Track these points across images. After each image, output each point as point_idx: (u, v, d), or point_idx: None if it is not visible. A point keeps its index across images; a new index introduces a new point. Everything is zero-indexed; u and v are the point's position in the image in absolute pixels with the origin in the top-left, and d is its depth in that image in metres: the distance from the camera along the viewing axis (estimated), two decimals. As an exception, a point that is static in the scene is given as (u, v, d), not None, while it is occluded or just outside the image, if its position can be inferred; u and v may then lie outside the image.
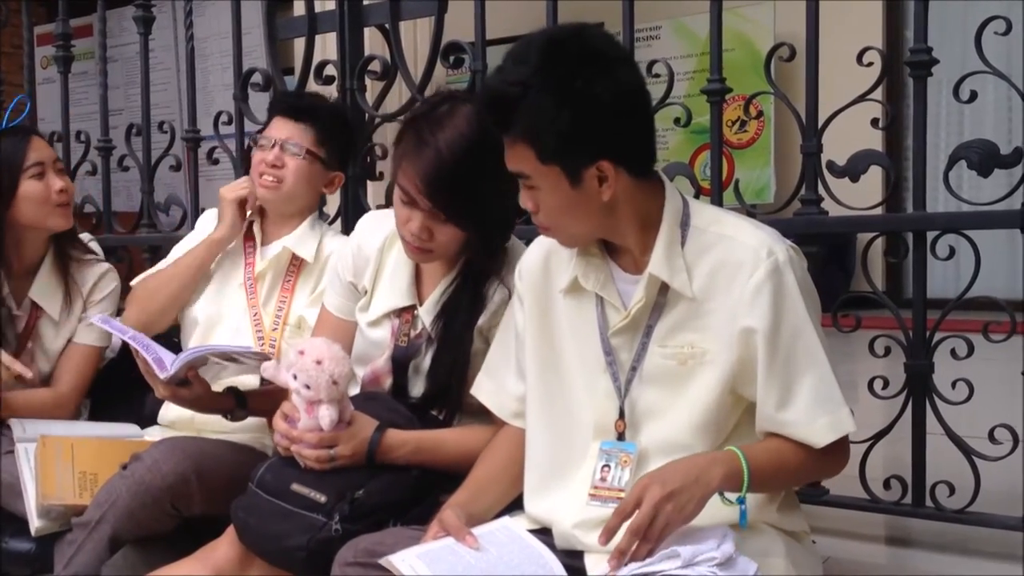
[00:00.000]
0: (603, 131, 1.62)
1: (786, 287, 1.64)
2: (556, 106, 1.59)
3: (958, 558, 2.17)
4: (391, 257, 2.18)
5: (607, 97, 1.60)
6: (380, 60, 2.88)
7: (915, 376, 2.18)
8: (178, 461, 2.20)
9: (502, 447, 1.92)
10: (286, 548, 1.90)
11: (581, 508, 1.72)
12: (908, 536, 2.31)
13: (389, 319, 2.15)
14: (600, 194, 1.65)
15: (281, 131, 2.51)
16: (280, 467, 1.98)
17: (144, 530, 2.22)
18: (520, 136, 1.64)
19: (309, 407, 1.93)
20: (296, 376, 1.92)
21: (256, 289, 2.58)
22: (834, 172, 2.29)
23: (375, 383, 2.13)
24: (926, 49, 2.19)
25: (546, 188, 1.66)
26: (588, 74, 1.60)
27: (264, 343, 2.51)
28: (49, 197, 2.67)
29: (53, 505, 2.32)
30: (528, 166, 1.66)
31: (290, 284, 2.56)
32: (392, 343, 2.12)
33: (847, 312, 2.31)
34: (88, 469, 2.36)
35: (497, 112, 1.66)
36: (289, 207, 2.57)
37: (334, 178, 2.60)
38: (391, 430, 1.98)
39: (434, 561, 1.62)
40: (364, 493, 1.91)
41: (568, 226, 1.71)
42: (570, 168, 1.63)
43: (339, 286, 2.25)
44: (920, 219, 2.22)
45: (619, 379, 1.74)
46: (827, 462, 1.70)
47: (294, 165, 2.50)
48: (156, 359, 2.19)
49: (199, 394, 2.27)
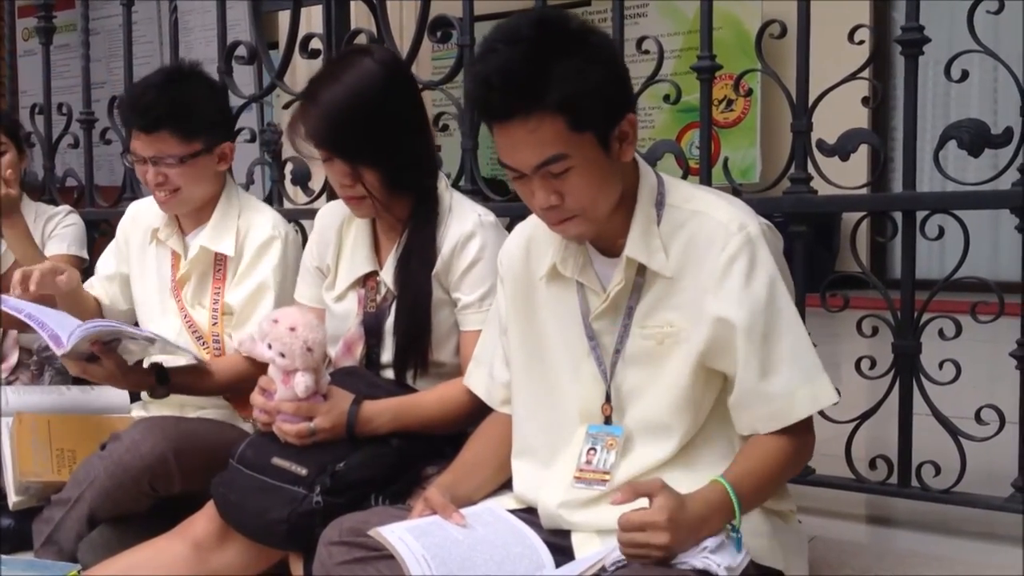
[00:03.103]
0: (624, 84, 1.65)
1: (759, 259, 1.63)
2: (584, 67, 1.57)
3: (943, 538, 2.17)
4: (350, 234, 2.24)
5: (611, 54, 1.66)
6: (366, 34, 2.85)
7: (902, 356, 2.17)
8: (156, 442, 2.19)
9: (490, 432, 1.92)
10: (267, 522, 1.91)
11: (566, 489, 1.71)
12: (894, 516, 2.31)
13: (355, 290, 2.20)
14: (621, 155, 1.65)
15: (145, 148, 2.40)
16: (260, 442, 1.99)
17: (121, 509, 2.21)
18: (548, 111, 1.56)
19: (285, 377, 1.94)
20: (271, 346, 1.93)
21: (180, 292, 2.52)
22: (824, 151, 2.28)
23: (348, 353, 2.16)
24: (918, 27, 2.18)
25: (580, 162, 1.60)
26: (587, 36, 1.60)
27: (205, 342, 2.47)
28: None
29: (31, 483, 2.31)
30: (558, 143, 1.58)
31: (220, 275, 2.50)
32: (361, 311, 2.16)
33: (834, 292, 2.30)
34: (66, 446, 2.35)
35: (520, 90, 1.56)
36: (193, 206, 2.51)
37: (224, 151, 2.49)
38: (368, 401, 1.99)
39: (423, 535, 1.62)
40: (345, 466, 1.92)
41: (599, 205, 1.65)
42: (603, 130, 1.61)
43: (307, 276, 2.31)
44: (910, 199, 2.21)
45: (603, 363, 1.72)
46: (802, 445, 1.67)
47: (176, 173, 2.41)
48: (52, 335, 2.14)
49: (111, 371, 2.25)
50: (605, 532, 1.63)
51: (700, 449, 1.69)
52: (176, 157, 2.39)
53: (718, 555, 1.49)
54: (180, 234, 2.55)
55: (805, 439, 1.68)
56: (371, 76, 2.05)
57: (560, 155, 1.59)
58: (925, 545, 2.16)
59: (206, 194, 2.50)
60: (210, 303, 2.48)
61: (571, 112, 1.56)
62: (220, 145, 2.48)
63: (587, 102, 1.57)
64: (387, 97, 2.05)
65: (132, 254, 2.64)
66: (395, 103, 2.07)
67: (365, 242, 2.21)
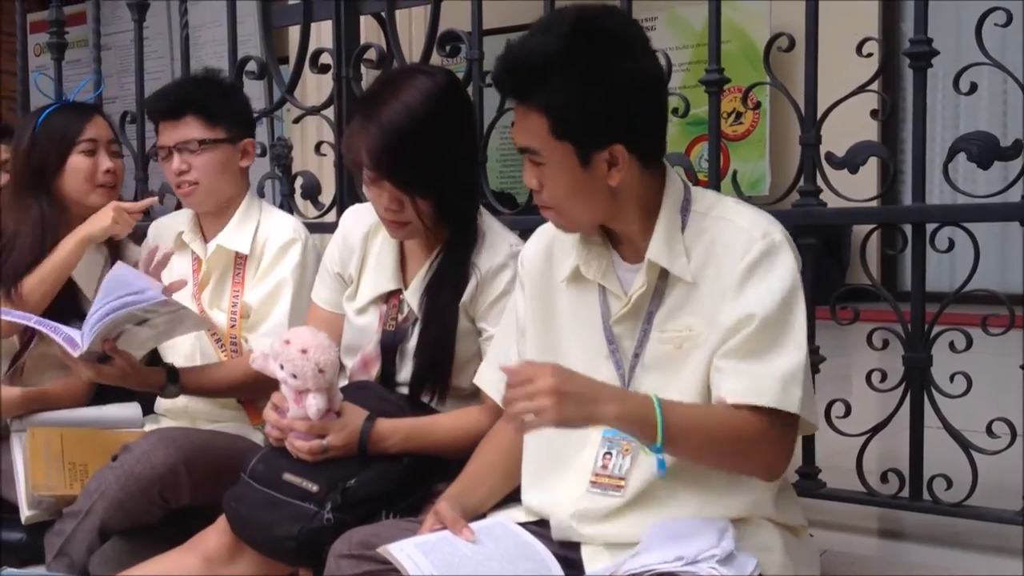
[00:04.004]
0: (623, 115, 1.61)
1: (780, 262, 1.63)
2: (580, 82, 1.58)
3: (955, 551, 2.16)
4: (375, 245, 2.20)
5: (631, 81, 1.60)
6: (376, 48, 2.85)
7: (913, 369, 2.17)
8: (168, 453, 2.19)
9: (498, 439, 1.91)
10: (277, 537, 1.90)
11: (579, 498, 1.71)
12: (905, 529, 2.31)
13: (376, 305, 2.16)
14: (608, 178, 1.64)
15: (170, 136, 2.45)
16: (272, 457, 1.98)
17: (133, 520, 2.21)
18: (537, 107, 1.61)
19: (298, 396, 1.94)
20: (283, 366, 1.93)
21: (200, 295, 2.53)
22: (833, 163, 2.28)
23: (364, 370, 2.14)
24: (926, 40, 2.18)
25: (553, 165, 1.64)
26: (616, 55, 1.59)
27: (223, 344, 2.48)
28: (95, 175, 2.68)
29: (44, 496, 2.31)
30: (538, 140, 1.63)
31: (240, 277, 2.52)
32: (380, 328, 2.14)
33: (844, 305, 2.30)
34: (78, 460, 2.35)
35: (517, 79, 1.64)
36: (215, 202, 2.53)
37: (245, 147, 2.54)
38: (381, 419, 1.98)
39: (431, 551, 1.62)
40: (356, 483, 1.91)
41: (571, 209, 1.69)
42: (583, 148, 1.62)
43: (327, 279, 2.27)
44: (920, 211, 2.21)
45: (622, 367, 1.72)
46: (761, 439, 1.59)
47: (200, 162, 2.45)
48: (66, 338, 2.16)
49: (125, 369, 2.26)
50: (615, 546, 1.62)
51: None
52: (199, 140, 2.43)
53: (727, 566, 1.48)
54: (203, 239, 2.58)
55: (767, 436, 1.59)
56: (434, 101, 2.00)
57: (535, 150, 1.65)
58: (937, 559, 2.15)
59: (228, 191, 2.53)
60: (228, 306, 2.50)
61: (553, 118, 1.60)
62: (243, 140, 2.53)
63: (570, 115, 1.59)
64: (448, 124, 2.02)
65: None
66: (454, 131, 2.03)
67: (391, 258, 2.18)
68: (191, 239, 2.58)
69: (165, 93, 2.53)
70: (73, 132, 2.67)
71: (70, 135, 2.67)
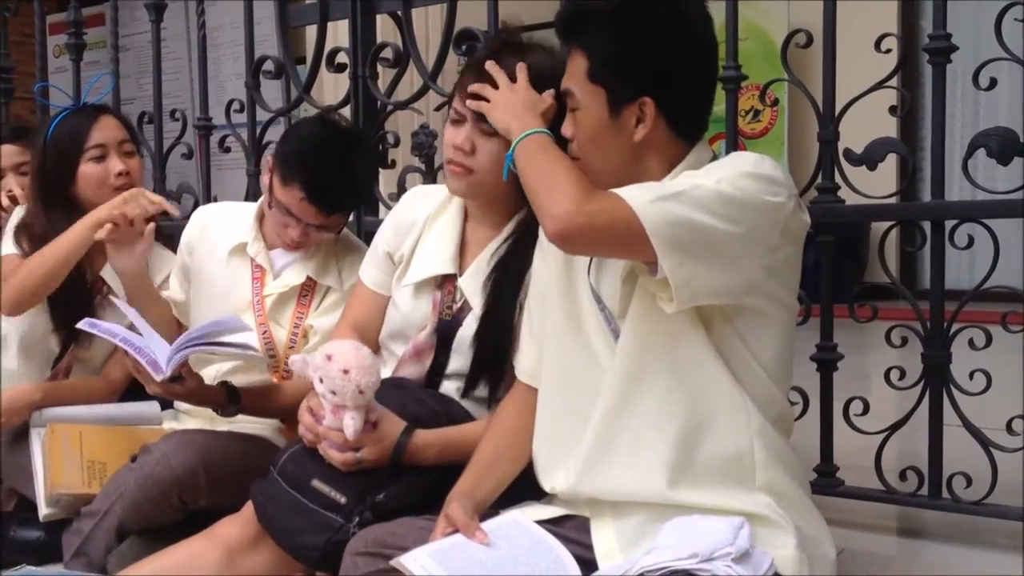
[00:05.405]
0: (659, 69, 1.65)
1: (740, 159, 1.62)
2: (624, 30, 1.64)
3: (975, 550, 2.15)
4: (436, 226, 2.13)
5: (674, 38, 1.65)
6: (392, 47, 2.86)
7: (932, 367, 2.16)
8: (187, 455, 2.19)
9: (504, 422, 1.89)
10: (301, 545, 1.89)
11: (588, 457, 1.70)
12: (924, 528, 2.29)
13: (428, 291, 2.10)
14: (633, 133, 1.66)
15: (311, 217, 2.32)
16: (302, 458, 1.93)
17: (150, 521, 2.22)
18: (580, 48, 1.69)
19: (335, 409, 1.87)
20: (322, 380, 1.86)
21: (263, 305, 2.47)
22: (851, 160, 2.27)
23: (416, 359, 2.07)
24: (945, 35, 2.17)
25: (585, 109, 1.69)
26: (666, 12, 1.65)
27: (278, 362, 2.44)
28: (107, 180, 2.63)
29: (62, 495, 2.32)
30: (576, 81, 1.69)
31: (307, 300, 2.48)
32: (435, 317, 2.08)
33: (863, 302, 2.29)
34: (97, 458, 2.35)
35: (569, 18, 1.72)
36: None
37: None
38: (418, 432, 1.92)
39: (445, 559, 1.60)
40: (385, 497, 1.87)
41: (592, 157, 1.70)
42: (614, 94, 1.66)
43: (376, 258, 2.21)
44: (939, 208, 2.20)
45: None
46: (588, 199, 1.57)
47: (322, 235, 2.41)
48: (150, 361, 2.16)
49: (193, 388, 2.26)
50: (627, 543, 1.62)
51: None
52: (334, 231, 2.44)
53: (742, 564, 1.48)
54: (267, 250, 2.51)
55: (592, 196, 1.57)
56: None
57: (573, 93, 1.71)
58: (956, 557, 2.14)
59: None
60: (290, 324, 2.46)
61: (592, 61, 1.67)
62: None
63: (607, 60, 1.65)
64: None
65: (201, 259, 2.58)
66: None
67: (452, 240, 2.10)
68: (256, 251, 2.49)
69: (326, 187, 2.31)
70: (79, 141, 2.62)
71: (76, 144, 2.62)
